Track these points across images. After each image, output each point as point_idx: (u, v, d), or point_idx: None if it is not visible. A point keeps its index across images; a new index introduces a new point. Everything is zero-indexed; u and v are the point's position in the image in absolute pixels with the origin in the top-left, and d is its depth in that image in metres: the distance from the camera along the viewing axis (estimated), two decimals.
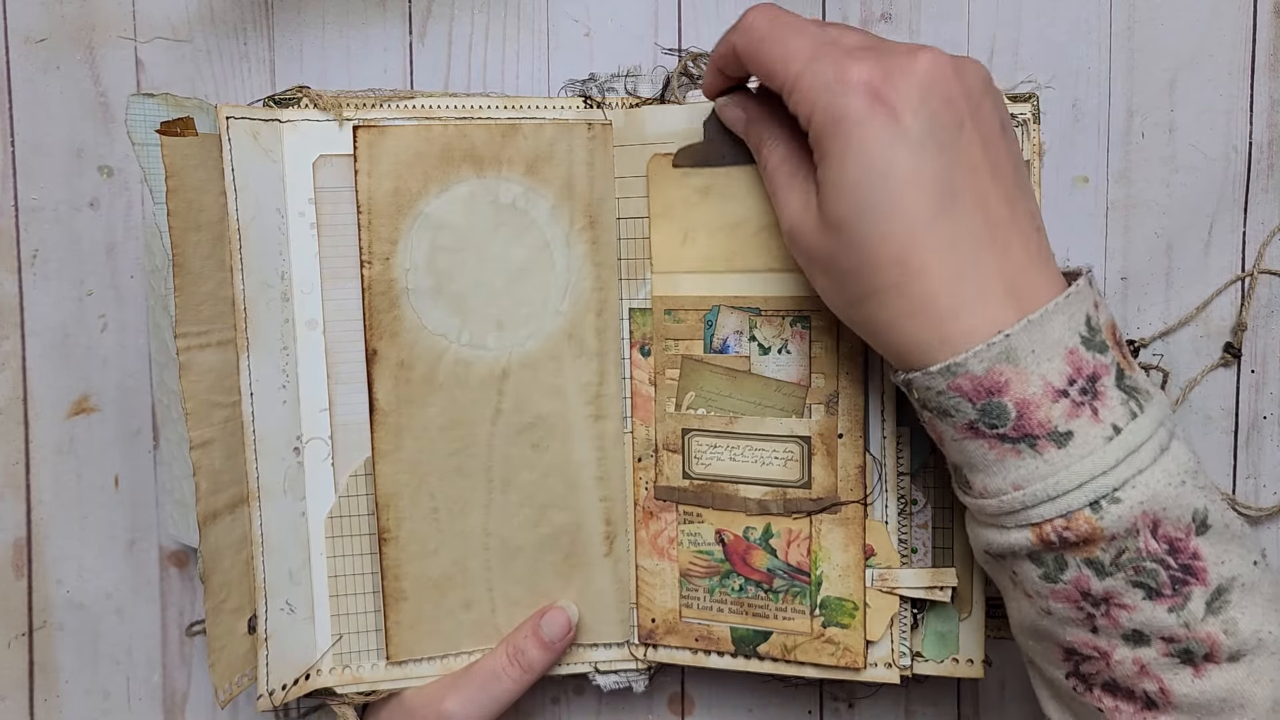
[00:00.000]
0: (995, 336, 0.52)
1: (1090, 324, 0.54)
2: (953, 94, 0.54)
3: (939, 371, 0.54)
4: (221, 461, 0.67)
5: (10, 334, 0.78)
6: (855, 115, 0.54)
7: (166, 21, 0.77)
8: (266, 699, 0.69)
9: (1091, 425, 0.53)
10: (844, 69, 0.54)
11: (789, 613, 0.70)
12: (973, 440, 0.55)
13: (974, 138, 0.55)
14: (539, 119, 0.71)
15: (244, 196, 0.67)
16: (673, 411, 0.71)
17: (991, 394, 0.53)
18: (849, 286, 0.57)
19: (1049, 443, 0.53)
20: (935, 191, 0.53)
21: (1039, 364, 0.52)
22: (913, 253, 0.53)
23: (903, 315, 0.55)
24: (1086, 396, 0.53)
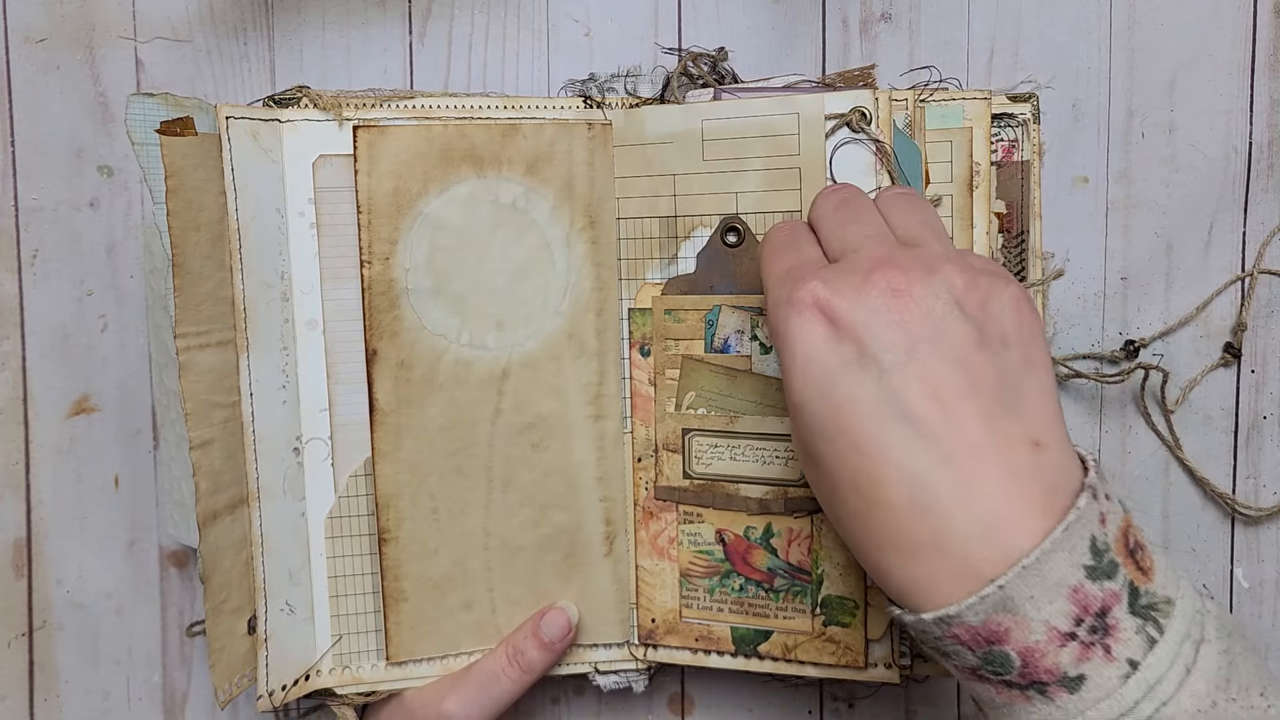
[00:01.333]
0: (988, 588, 0.48)
1: (1095, 548, 0.49)
2: (906, 316, 0.52)
3: (932, 621, 0.49)
4: (221, 462, 0.67)
5: (10, 334, 0.78)
6: (798, 335, 0.53)
7: (166, 21, 0.77)
8: (266, 699, 0.69)
9: (1105, 665, 0.48)
10: (797, 287, 0.54)
11: (789, 612, 0.70)
12: (979, 684, 0.51)
13: (934, 360, 0.51)
14: (539, 119, 0.71)
15: (244, 196, 0.67)
16: (673, 411, 0.71)
17: (991, 643, 0.49)
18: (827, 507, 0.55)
19: (1060, 688, 0.48)
20: (881, 414, 0.50)
21: (1040, 610, 0.48)
22: (865, 479, 0.51)
23: (873, 547, 0.52)
24: (1096, 635, 0.48)
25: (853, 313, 0.52)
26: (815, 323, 0.52)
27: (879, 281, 0.52)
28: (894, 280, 0.52)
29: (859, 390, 0.51)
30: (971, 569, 0.49)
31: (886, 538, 0.51)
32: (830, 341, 0.52)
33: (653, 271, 0.71)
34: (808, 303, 0.53)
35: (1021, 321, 0.53)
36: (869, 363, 0.51)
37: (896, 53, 0.75)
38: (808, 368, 0.52)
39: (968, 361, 0.51)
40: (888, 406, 0.50)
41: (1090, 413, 0.76)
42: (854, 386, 0.51)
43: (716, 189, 0.69)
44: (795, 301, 0.53)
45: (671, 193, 0.70)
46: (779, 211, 0.68)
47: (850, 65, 0.76)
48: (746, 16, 0.76)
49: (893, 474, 0.50)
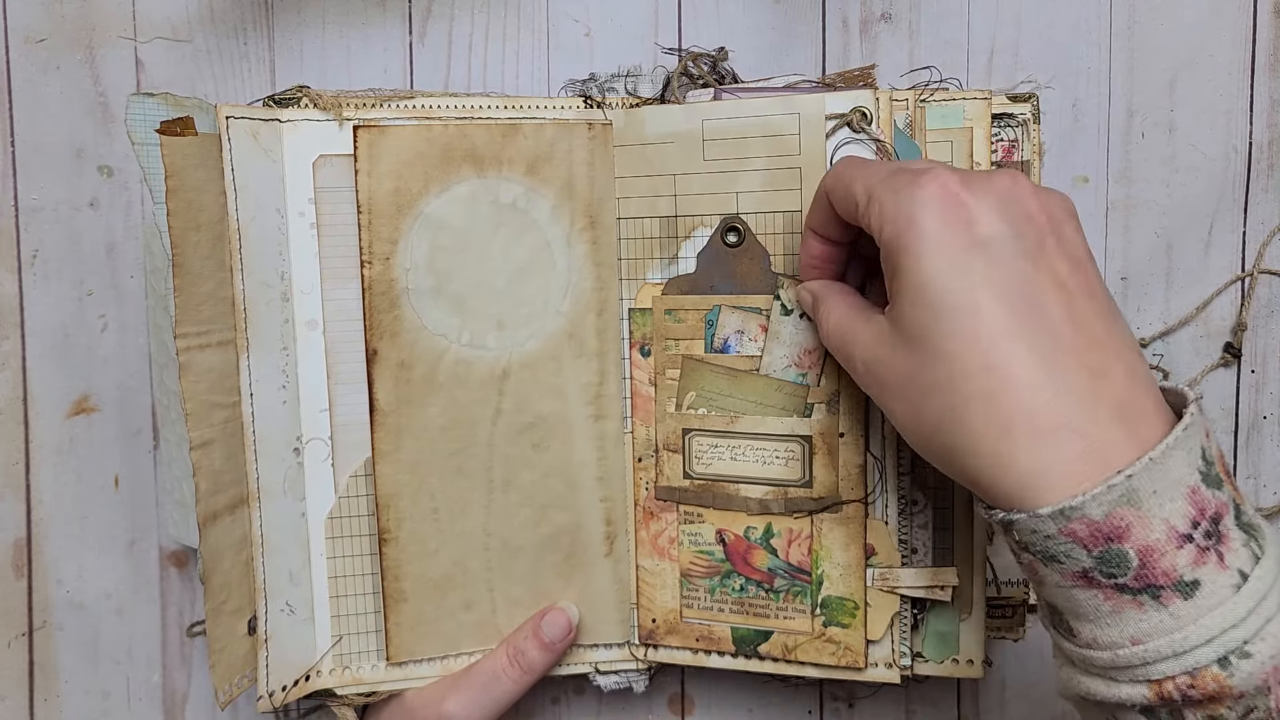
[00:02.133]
0: (1116, 477, 0.47)
1: (1206, 457, 0.50)
2: (1032, 210, 0.53)
3: (1050, 515, 0.49)
4: (221, 462, 0.67)
5: (10, 334, 0.78)
6: (930, 216, 0.52)
7: (166, 21, 0.77)
8: (266, 700, 0.69)
9: (1218, 573, 0.48)
10: (918, 177, 0.53)
11: (790, 612, 0.70)
12: (1085, 589, 0.50)
13: (1058, 255, 0.52)
14: (539, 119, 0.71)
15: (244, 196, 0.67)
16: (673, 411, 0.71)
17: (1111, 540, 0.48)
18: (932, 407, 0.53)
19: (1174, 594, 0.48)
20: (1018, 298, 0.51)
21: (1162, 506, 0.48)
22: (1000, 359, 0.50)
23: (995, 433, 0.50)
24: (1211, 540, 0.48)
25: (985, 199, 0.52)
26: (949, 203, 0.52)
27: (1003, 178, 0.53)
28: (1018, 178, 0.54)
29: (997, 270, 0.51)
30: (1104, 456, 0.49)
31: (1016, 419, 0.50)
32: (964, 222, 0.52)
33: (653, 271, 0.71)
34: (937, 185, 0.53)
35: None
36: (1003, 245, 0.51)
37: (896, 53, 0.76)
38: (941, 244, 0.52)
39: (1085, 266, 0.53)
40: (1028, 287, 0.51)
41: None
42: (991, 266, 0.51)
43: (717, 189, 0.69)
44: (923, 184, 0.53)
45: (672, 193, 0.70)
46: (779, 212, 0.68)
47: (850, 65, 0.76)
48: (746, 16, 0.76)
49: (1031, 353, 0.50)
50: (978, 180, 0.53)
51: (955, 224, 0.52)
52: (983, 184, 0.53)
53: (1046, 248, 0.52)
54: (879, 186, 0.55)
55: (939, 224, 0.52)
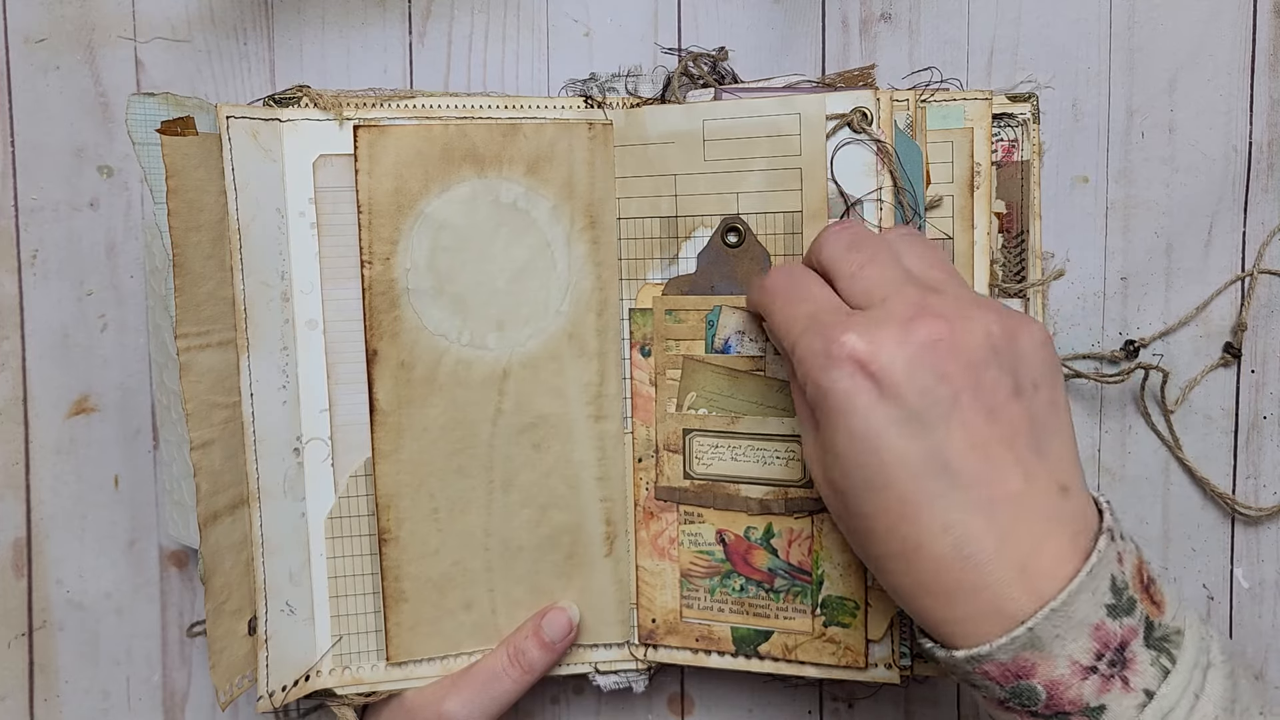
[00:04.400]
0: (1018, 630, 0.50)
1: (1115, 586, 0.52)
2: (947, 369, 0.52)
3: (964, 660, 0.52)
4: (222, 462, 0.67)
5: (10, 334, 0.78)
6: (840, 391, 0.53)
7: (166, 21, 0.77)
8: (267, 700, 0.69)
9: (1123, 696, 0.51)
10: (831, 341, 0.54)
11: (790, 612, 0.70)
12: (1006, 714, 0.53)
13: (974, 411, 0.52)
14: (540, 119, 0.71)
15: (244, 196, 0.67)
16: (673, 412, 0.71)
17: (1019, 677, 0.51)
18: (860, 547, 0.57)
19: (1082, 718, 0.51)
20: (927, 470, 0.52)
21: (1065, 647, 0.51)
22: (909, 529, 0.52)
23: (909, 590, 0.54)
24: (1115, 668, 0.51)
25: (895, 368, 0.52)
26: (858, 379, 0.53)
27: (919, 332, 0.53)
28: (934, 330, 0.53)
29: (906, 447, 0.52)
30: (1005, 610, 0.51)
31: (927, 584, 0.53)
32: (875, 399, 0.53)
33: (653, 272, 0.71)
34: (846, 358, 0.53)
35: (1047, 361, 0.56)
36: (914, 418, 0.52)
37: (896, 53, 0.75)
38: (853, 425, 0.53)
39: (1004, 410, 0.53)
40: (933, 462, 0.52)
41: (1090, 413, 0.76)
42: (901, 444, 0.52)
43: (717, 189, 0.69)
44: (834, 357, 0.53)
45: (672, 193, 0.70)
46: (780, 212, 0.68)
47: (850, 65, 0.76)
48: (746, 16, 0.76)
49: (937, 526, 0.52)
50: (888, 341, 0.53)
51: (864, 401, 0.53)
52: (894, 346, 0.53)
53: (961, 405, 0.52)
54: (799, 342, 0.57)
55: (848, 402, 0.53)
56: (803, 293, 0.59)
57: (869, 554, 0.56)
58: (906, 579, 0.54)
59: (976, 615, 0.52)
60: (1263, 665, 0.76)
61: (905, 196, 0.67)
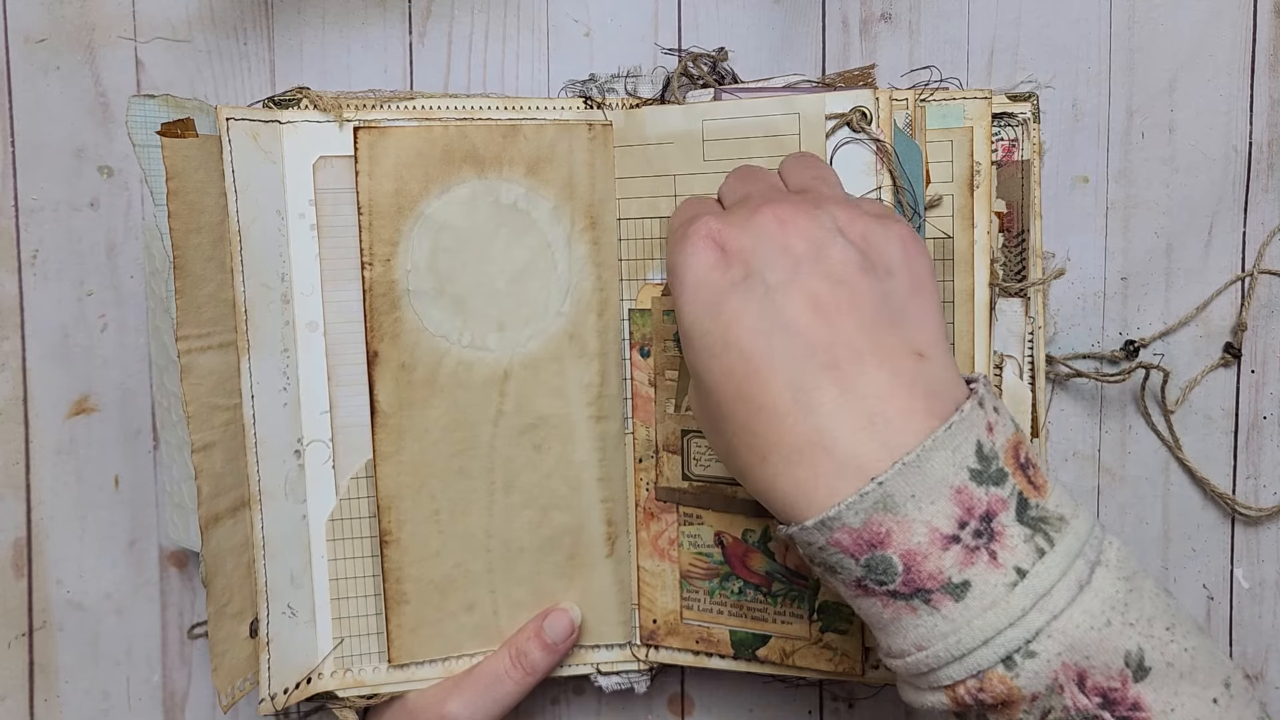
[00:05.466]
0: (867, 485, 0.48)
1: (982, 453, 0.49)
2: (790, 241, 0.53)
3: (814, 527, 0.49)
4: (223, 465, 0.67)
5: (10, 334, 0.78)
6: (688, 262, 0.55)
7: (166, 21, 0.77)
8: (268, 703, 0.69)
9: (990, 571, 0.48)
10: (686, 228, 0.56)
11: (787, 617, 0.70)
12: (865, 598, 0.50)
13: (815, 277, 0.52)
14: (540, 120, 0.71)
15: (244, 198, 0.67)
16: (672, 413, 0.71)
17: (874, 547, 0.48)
18: (715, 437, 0.56)
19: (944, 596, 0.48)
20: (766, 325, 0.52)
21: (921, 509, 0.48)
22: (752, 389, 0.51)
23: (757, 459, 0.52)
24: (981, 539, 0.48)
25: (740, 239, 0.54)
26: (706, 249, 0.55)
27: (766, 213, 0.55)
28: (780, 212, 0.55)
29: (745, 305, 0.53)
30: (855, 466, 0.49)
31: (771, 443, 0.51)
32: (719, 266, 0.54)
33: (653, 272, 0.71)
34: (700, 234, 0.56)
35: (908, 255, 0.55)
36: (755, 281, 0.53)
37: (896, 53, 0.75)
38: (697, 290, 0.55)
39: (850, 281, 0.53)
40: (772, 318, 0.52)
41: (1090, 413, 0.76)
42: (740, 303, 0.53)
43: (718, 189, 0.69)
44: (688, 234, 0.56)
45: (672, 193, 0.70)
46: None
47: (850, 65, 0.76)
48: (746, 16, 0.76)
49: (777, 379, 0.51)
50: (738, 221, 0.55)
51: (711, 271, 0.54)
52: (741, 224, 0.55)
53: (801, 272, 0.53)
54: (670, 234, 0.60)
55: (697, 273, 0.55)
56: (689, 207, 0.62)
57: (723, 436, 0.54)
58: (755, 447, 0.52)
59: (825, 473, 0.49)
60: (1263, 665, 0.76)
61: (905, 196, 0.67)
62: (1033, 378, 0.73)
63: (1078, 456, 0.76)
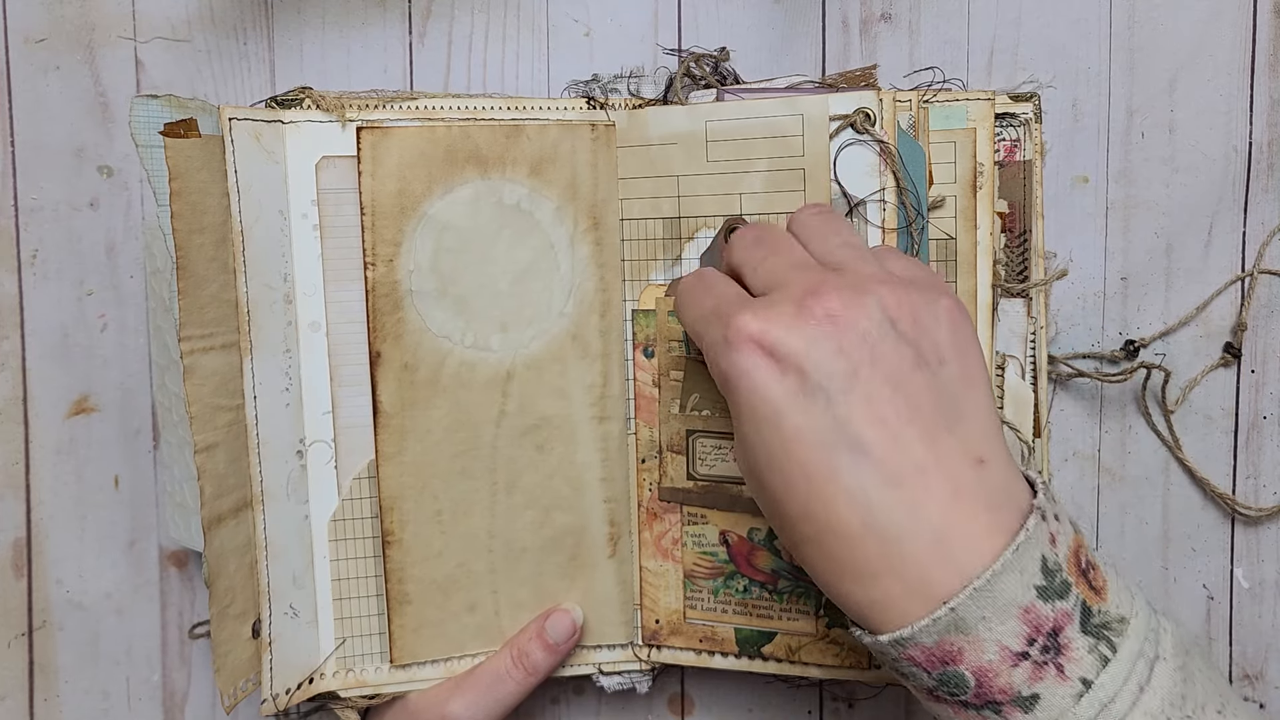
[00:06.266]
0: (939, 610, 0.48)
1: (1046, 567, 0.50)
2: (842, 342, 0.52)
3: (889, 643, 0.50)
4: (225, 465, 0.67)
5: (10, 334, 0.78)
6: (739, 372, 0.53)
7: (166, 21, 0.76)
8: (270, 703, 0.69)
9: (1058, 685, 0.49)
10: (728, 325, 0.54)
11: (793, 614, 0.70)
12: (936, 704, 0.52)
13: (874, 383, 0.51)
14: (543, 120, 0.71)
15: (247, 198, 0.67)
16: (676, 413, 0.71)
17: (946, 664, 0.49)
18: (783, 537, 0.55)
19: (1014, 708, 0.49)
20: (828, 441, 0.51)
21: (991, 629, 0.49)
22: (818, 508, 0.51)
23: (827, 574, 0.52)
24: (1049, 655, 0.49)
25: (791, 343, 0.52)
26: (756, 357, 0.52)
27: (813, 309, 0.53)
28: (828, 305, 0.53)
29: (807, 421, 0.51)
30: (926, 590, 0.49)
31: (842, 564, 0.51)
32: (774, 375, 0.52)
33: (656, 273, 0.71)
34: (743, 338, 0.53)
35: (956, 334, 0.54)
36: (814, 392, 0.51)
37: (896, 53, 0.76)
38: (754, 404, 0.52)
39: (906, 382, 0.52)
40: (835, 435, 0.51)
41: (1090, 413, 0.76)
42: (801, 417, 0.51)
43: (720, 190, 0.69)
44: (731, 341, 0.53)
45: (675, 194, 0.70)
46: (783, 213, 0.68)
47: (850, 65, 0.76)
48: (746, 16, 0.76)
49: (843, 501, 0.50)
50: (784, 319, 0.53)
51: (765, 379, 0.52)
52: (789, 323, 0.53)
53: (860, 379, 0.51)
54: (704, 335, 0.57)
55: (753, 385, 0.52)
56: (708, 289, 0.59)
57: (791, 543, 0.54)
58: (825, 563, 0.52)
59: (897, 596, 0.50)
60: (1263, 665, 0.76)
61: (908, 197, 0.67)
62: (1035, 378, 0.73)
63: (1078, 456, 0.77)
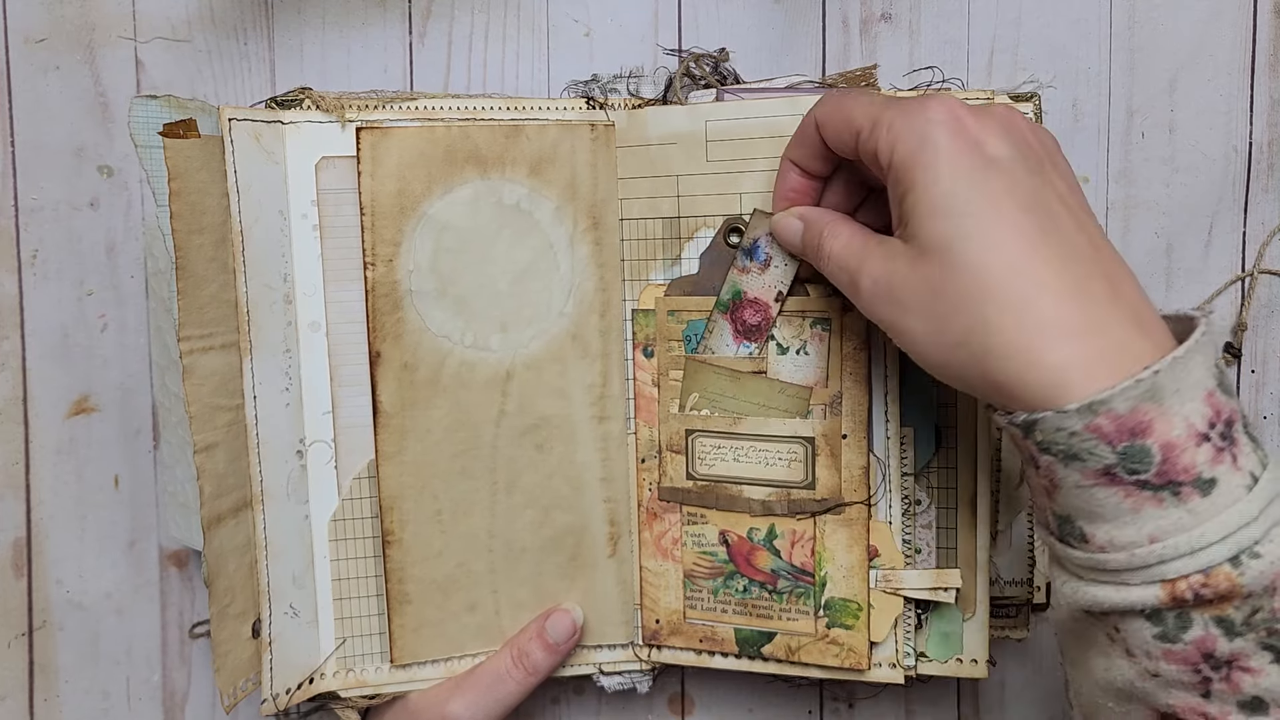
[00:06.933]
0: (1143, 372, 0.48)
1: (1219, 366, 0.51)
2: (1029, 138, 0.55)
3: (1077, 410, 0.49)
4: (225, 465, 0.67)
5: (10, 334, 0.78)
6: (942, 133, 0.54)
7: (166, 21, 0.76)
8: (270, 703, 0.69)
9: (1233, 473, 0.49)
10: (923, 105, 0.55)
11: (793, 614, 0.70)
12: (1106, 487, 0.50)
13: (1057, 176, 0.55)
14: (542, 120, 0.71)
15: (246, 198, 0.67)
16: (676, 413, 0.71)
17: (1135, 435, 0.49)
18: (956, 320, 0.53)
19: (1193, 490, 0.49)
20: (1035, 209, 0.52)
21: (1183, 404, 0.49)
22: (1027, 264, 0.51)
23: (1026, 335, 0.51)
24: (1226, 442, 0.49)
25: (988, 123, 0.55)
26: (958, 124, 0.54)
27: (999, 109, 0.56)
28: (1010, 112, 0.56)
29: (1013, 182, 0.53)
30: (1128, 352, 0.50)
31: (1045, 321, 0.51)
32: (974, 144, 0.54)
33: (656, 272, 0.72)
34: (945, 108, 0.55)
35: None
36: (1014, 162, 0.54)
37: (896, 53, 0.76)
38: (959, 158, 0.53)
39: (1077, 189, 0.56)
40: (1040, 200, 0.53)
41: None
42: (1006, 179, 0.53)
43: (720, 190, 0.69)
44: (932, 106, 0.55)
45: (674, 193, 0.70)
46: None
47: (850, 65, 0.76)
48: (746, 17, 0.76)
49: (1056, 262, 0.51)
50: (979, 108, 0.56)
51: (967, 142, 0.54)
52: (984, 111, 0.55)
53: (1046, 168, 0.55)
54: (886, 111, 0.57)
55: (952, 140, 0.54)
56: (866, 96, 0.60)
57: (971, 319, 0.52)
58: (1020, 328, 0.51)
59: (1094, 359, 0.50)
60: None
61: None
62: None
63: None
